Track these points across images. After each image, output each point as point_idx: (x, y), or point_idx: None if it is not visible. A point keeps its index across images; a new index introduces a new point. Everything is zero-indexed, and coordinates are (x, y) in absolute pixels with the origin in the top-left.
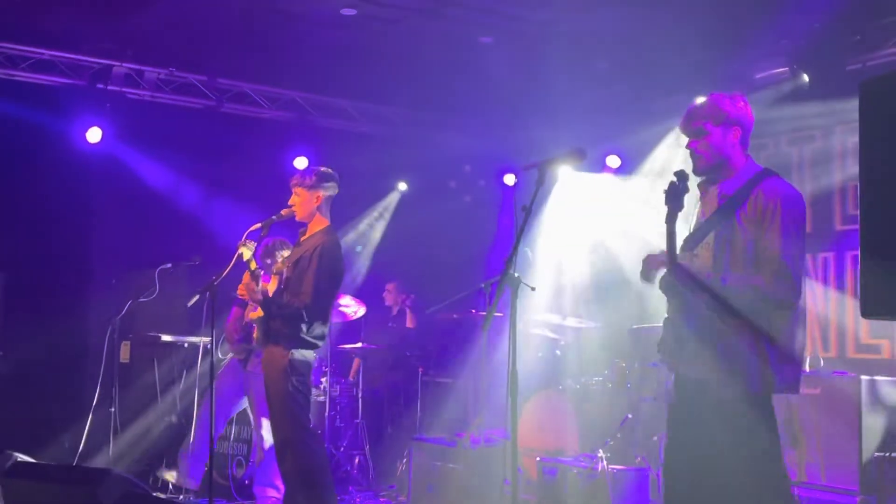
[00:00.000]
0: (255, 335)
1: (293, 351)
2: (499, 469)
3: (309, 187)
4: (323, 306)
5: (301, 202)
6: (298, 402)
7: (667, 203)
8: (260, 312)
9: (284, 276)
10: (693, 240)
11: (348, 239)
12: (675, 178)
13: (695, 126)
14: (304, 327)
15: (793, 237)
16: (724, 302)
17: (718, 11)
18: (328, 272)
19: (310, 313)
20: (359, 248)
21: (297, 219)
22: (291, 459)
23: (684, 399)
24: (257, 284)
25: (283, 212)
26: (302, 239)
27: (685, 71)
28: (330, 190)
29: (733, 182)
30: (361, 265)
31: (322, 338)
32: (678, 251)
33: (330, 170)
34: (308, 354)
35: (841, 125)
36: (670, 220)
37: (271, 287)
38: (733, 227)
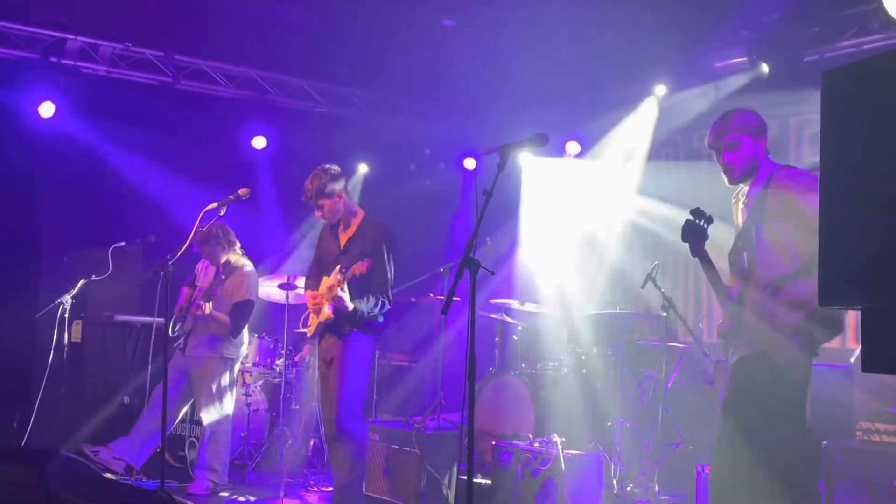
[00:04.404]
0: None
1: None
2: (454, 453)
3: (330, 193)
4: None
5: (331, 207)
6: (363, 382)
7: (685, 240)
8: (325, 315)
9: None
10: (734, 251)
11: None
12: (691, 217)
13: (730, 140)
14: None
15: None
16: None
17: (679, 1)
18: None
19: (390, 298)
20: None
21: (332, 220)
22: (348, 445)
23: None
24: (343, 290)
25: (241, 191)
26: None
27: (646, 60)
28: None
29: (754, 186)
30: None
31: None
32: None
33: (335, 166)
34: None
35: (796, 116)
36: (696, 255)
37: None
38: (762, 228)
